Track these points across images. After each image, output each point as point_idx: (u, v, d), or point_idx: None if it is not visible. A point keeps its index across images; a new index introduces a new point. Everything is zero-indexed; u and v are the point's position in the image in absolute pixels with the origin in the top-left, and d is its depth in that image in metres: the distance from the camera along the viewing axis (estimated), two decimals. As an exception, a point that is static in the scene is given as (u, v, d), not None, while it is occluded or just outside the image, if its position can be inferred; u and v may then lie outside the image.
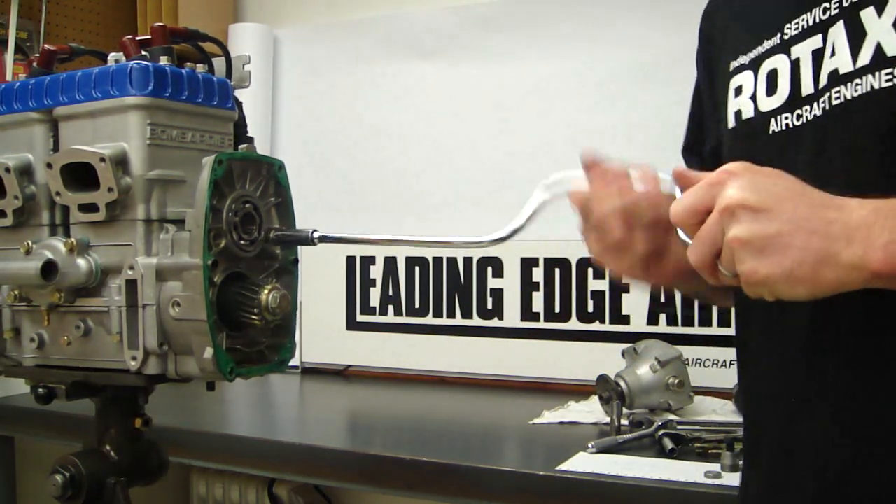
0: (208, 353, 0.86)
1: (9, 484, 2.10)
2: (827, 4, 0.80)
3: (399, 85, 2.35)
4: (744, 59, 0.90)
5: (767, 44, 0.87)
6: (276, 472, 1.93)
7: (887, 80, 0.72)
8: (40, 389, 0.96)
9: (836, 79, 0.77)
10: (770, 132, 0.83)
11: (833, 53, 0.78)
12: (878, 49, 0.73)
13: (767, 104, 0.85)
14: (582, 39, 2.12)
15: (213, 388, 0.98)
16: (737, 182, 0.68)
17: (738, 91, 0.90)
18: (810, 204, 0.66)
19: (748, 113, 0.87)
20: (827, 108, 0.78)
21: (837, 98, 0.77)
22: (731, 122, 0.91)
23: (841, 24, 0.77)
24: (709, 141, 0.99)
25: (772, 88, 0.84)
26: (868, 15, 0.75)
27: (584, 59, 2.12)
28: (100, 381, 0.94)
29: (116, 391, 0.95)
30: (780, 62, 0.84)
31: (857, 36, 0.75)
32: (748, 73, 0.89)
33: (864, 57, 0.74)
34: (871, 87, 0.73)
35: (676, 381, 1.68)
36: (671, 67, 1.96)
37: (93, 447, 0.97)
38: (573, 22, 2.14)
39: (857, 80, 0.74)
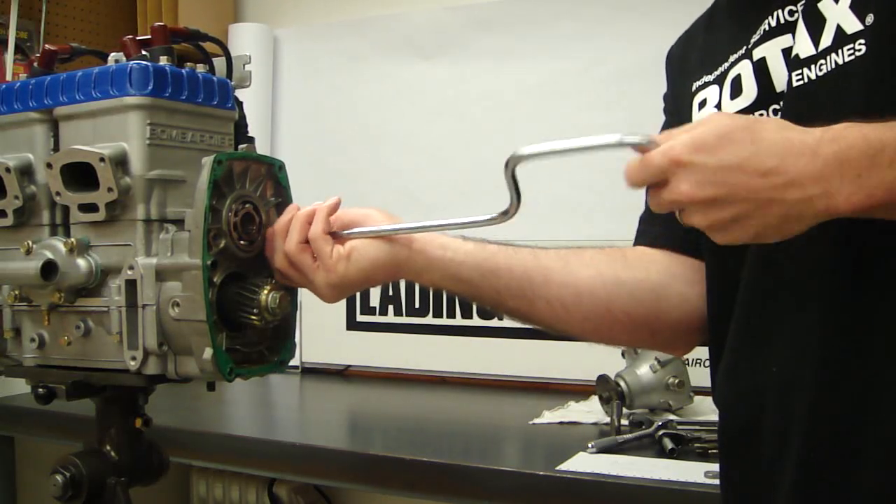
0: (208, 353, 0.86)
1: (9, 484, 2.10)
2: (793, 7, 0.80)
3: (399, 85, 2.34)
4: (708, 77, 0.91)
5: (733, 57, 0.87)
6: (276, 472, 1.93)
7: (850, 55, 0.73)
8: (40, 389, 0.96)
9: (798, 62, 0.78)
10: None
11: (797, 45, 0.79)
12: (839, 30, 0.74)
13: (732, 107, 0.85)
14: (582, 39, 2.12)
15: (214, 388, 0.98)
16: (683, 175, 0.69)
17: (703, 104, 0.90)
18: (760, 170, 0.67)
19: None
20: (789, 91, 0.79)
21: (799, 79, 0.77)
22: None
23: (802, 19, 0.79)
24: None
25: (735, 92, 0.85)
26: (826, 5, 0.76)
27: (584, 59, 2.12)
28: (100, 381, 0.94)
29: (116, 391, 0.95)
30: (743, 67, 0.85)
31: (817, 25, 0.77)
32: (713, 87, 0.89)
33: (826, 41, 0.76)
34: (836, 63, 0.74)
35: (676, 381, 1.68)
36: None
37: (93, 447, 0.97)
38: (573, 22, 2.14)
39: (822, 61, 0.76)
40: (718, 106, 0.87)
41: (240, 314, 0.89)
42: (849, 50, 0.73)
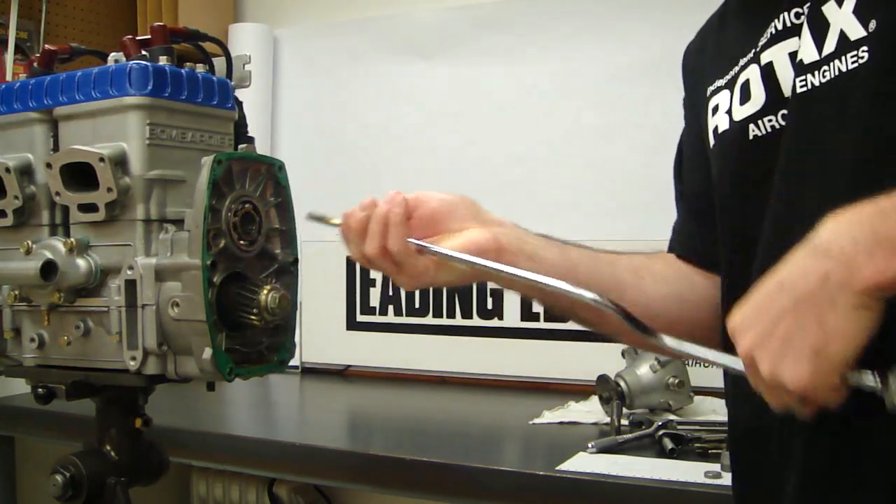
0: (207, 353, 0.86)
1: (9, 484, 2.10)
2: (799, 9, 0.80)
3: (399, 85, 2.34)
4: (720, 82, 0.90)
5: (742, 61, 0.87)
6: (276, 472, 1.93)
7: (853, 62, 0.72)
8: (40, 389, 0.96)
9: (802, 68, 0.77)
10: (750, 138, 0.83)
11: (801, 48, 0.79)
12: (842, 35, 0.73)
13: (741, 113, 0.84)
14: (582, 39, 2.12)
15: (213, 388, 0.98)
16: (739, 336, 0.67)
17: (715, 110, 0.90)
18: (780, 286, 0.65)
19: (724, 126, 0.87)
20: (793, 97, 0.78)
21: (803, 86, 0.77)
22: (712, 142, 0.91)
23: (807, 23, 0.78)
24: (689, 185, 1.02)
25: (745, 97, 0.84)
26: (829, 8, 0.75)
27: (584, 59, 2.12)
28: (100, 381, 0.94)
29: (116, 391, 0.95)
30: (752, 72, 0.84)
31: (821, 29, 0.76)
32: (724, 92, 0.89)
33: (829, 46, 0.75)
34: (839, 70, 0.73)
35: (676, 381, 1.68)
36: (671, 67, 1.95)
37: (93, 447, 0.97)
38: (573, 22, 2.14)
39: (825, 67, 0.75)
40: (729, 112, 0.86)
41: (240, 314, 0.89)
42: (852, 56, 0.72)
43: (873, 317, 0.62)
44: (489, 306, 2.15)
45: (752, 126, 0.83)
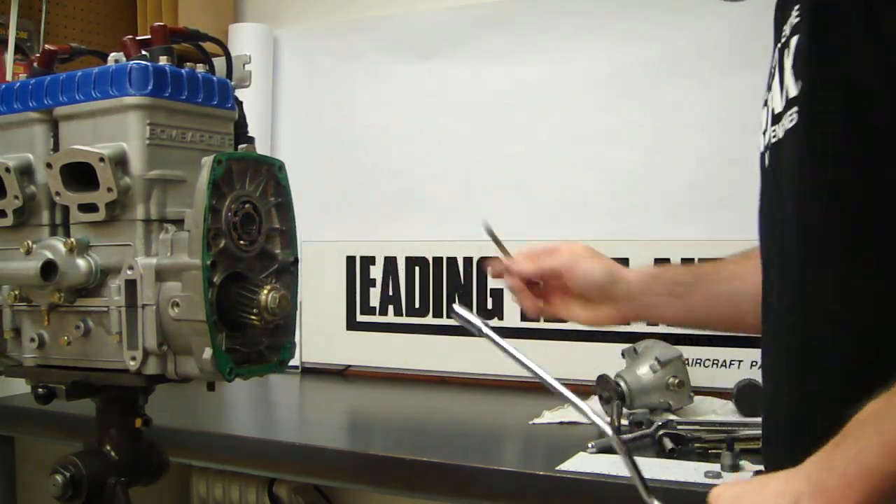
0: (207, 353, 0.86)
1: (9, 484, 2.10)
2: (779, 43, 0.81)
3: (399, 85, 2.34)
4: (765, 96, 0.92)
5: (769, 82, 0.88)
6: (276, 472, 1.93)
7: (790, 121, 0.74)
8: (40, 389, 0.96)
9: (774, 117, 0.79)
10: (766, 165, 0.85)
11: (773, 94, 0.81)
12: (786, 90, 0.75)
13: (766, 138, 0.86)
14: (582, 39, 2.12)
15: (214, 388, 0.98)
16: None
17: (760, 125, 0.92)
18: (761, 487, 0.68)
19: (761, 147, 0.89)
20: (769, 146, 0.81)
21: (774, 136, 0.79)
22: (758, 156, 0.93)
23: (777, 65, 0.80)
24: None
25: (765, 123, 0.86)
26: (785, 54, 0.77)
27: (584, 59, 2.12)
28: (100, 381, 0.94)
29: (116, 391, 0.95)
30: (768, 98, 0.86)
31: (781, 77, 0.78)
32: (764, 110, 0.90)
33: (782, 101, 0.77)
34: (785, 129, 0.75)
35: (676, 381, 1.67)
36: (671, 67, 1.96)
37: (93, 447, 0.97)
38: (573, 22, 2.14)
39: (781, 122, 0.77)
40: (764, 132, 0.88)
41: (240, 314, 0.89)
42: (789, 116, 0.74)
43: None
44: (489, 306, 2.15)
45: (765, 155, 0.86)
